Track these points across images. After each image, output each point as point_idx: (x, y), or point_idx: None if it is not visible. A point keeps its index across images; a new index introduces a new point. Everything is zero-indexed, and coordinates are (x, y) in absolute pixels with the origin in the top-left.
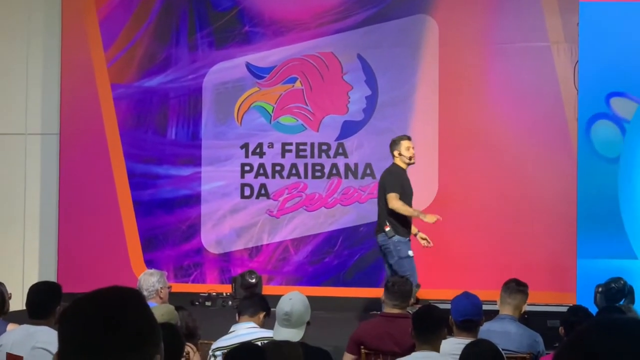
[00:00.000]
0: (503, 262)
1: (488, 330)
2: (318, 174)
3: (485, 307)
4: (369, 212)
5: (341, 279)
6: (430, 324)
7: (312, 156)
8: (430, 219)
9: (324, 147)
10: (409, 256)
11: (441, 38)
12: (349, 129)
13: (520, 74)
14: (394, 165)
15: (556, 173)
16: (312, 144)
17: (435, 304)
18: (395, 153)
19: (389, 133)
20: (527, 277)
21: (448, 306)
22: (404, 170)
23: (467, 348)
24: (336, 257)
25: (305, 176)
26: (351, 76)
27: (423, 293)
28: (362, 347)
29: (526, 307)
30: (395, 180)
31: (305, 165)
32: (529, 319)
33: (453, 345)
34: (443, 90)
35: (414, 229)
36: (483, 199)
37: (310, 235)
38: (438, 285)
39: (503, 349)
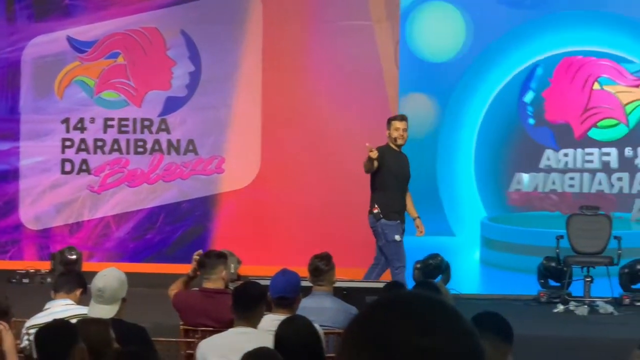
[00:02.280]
0: (324, 238)
1: (304, 307)
2: (140, 149)
3: (305, 283)
4: (191, 189)
5: (163, 255)
6: (249, 301)
7: (135, 132)
8: (372, 154)
9: (147, 123)
10: (395, 240)
11: (265, 15)
12: (172, 105)
13: (343, 52)
14: (386, 144)
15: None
16: (135, 120)
17: (256, 281)
18: (387, 133)
19: (211, 109)
20: (348, 253)
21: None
22: (390, 149)
23: (282, 324)
24: (158, 233)
25: (128, 152)
26: (175, 52)
27: (245, 270)
28: (181, 323)
29: (346, 284)
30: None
31: (128, 140)
32: (348, 295)
33: (270, 321)
34: (266, 66)
35: (413, 213)
36: (305, 176)
37: (132, 211)
38: (260, 262)
39: (320, 325)
